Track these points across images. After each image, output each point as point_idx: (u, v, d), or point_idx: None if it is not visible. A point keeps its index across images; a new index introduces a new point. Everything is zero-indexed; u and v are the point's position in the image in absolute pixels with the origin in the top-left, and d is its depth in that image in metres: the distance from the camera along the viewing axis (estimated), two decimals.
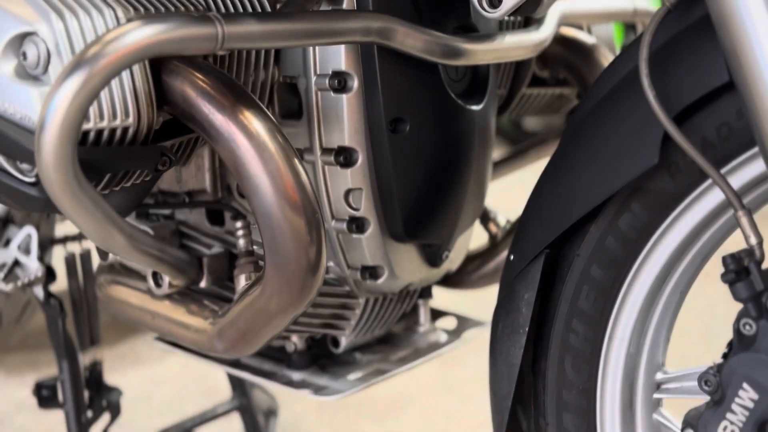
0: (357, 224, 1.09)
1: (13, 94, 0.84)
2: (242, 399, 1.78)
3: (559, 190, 0.95)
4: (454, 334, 1.37)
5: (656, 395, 1.01)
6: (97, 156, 0.82)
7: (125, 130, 0.85)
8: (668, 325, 0.99)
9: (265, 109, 0.90)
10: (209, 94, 0.87)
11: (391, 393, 2.02)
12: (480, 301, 1.47)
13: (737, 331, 0.83)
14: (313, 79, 1.04)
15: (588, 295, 0.97)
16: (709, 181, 0.87)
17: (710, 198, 0.89)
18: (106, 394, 1.55)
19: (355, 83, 1.04)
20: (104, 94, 0.83)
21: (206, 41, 0.81)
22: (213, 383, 2.11)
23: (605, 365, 0.99)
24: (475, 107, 1.12)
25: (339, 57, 1.03)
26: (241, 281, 1.09)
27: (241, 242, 1.12)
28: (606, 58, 1.33)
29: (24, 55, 0.83)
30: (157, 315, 1.19)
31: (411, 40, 0.99)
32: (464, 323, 1.39)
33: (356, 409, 2.03)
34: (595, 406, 1.00)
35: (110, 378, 1.60)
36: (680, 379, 0.99)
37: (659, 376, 1.00)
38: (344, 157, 1.06)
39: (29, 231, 1.41)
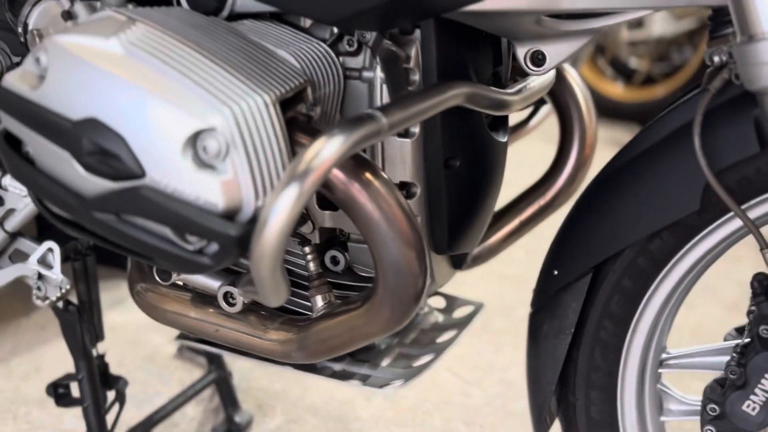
0: None
1: (192, 181, 0.95)
2: (219, 372, 1.93)
3: (603, 219, 1.18)
4: (447, 312, 1.59)
5: (660, 370, 1.29)
6: None
7: None
8: (673, 317, 1.27)
9: (380, 171, 1.06)
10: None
11: None
12: None
13: (757, 334, 1.11)
14: None
15: (618, 301, 1.22)
16: (724, 217, 1.13)
17: (723, 229, 1.15)
18: (114, 384, 1.66)
19: (417, 129, 1.21)
20: None
21: (376, 136, 0.96)
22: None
23: (627, 353, 1.25)
24: (502, 139, 1.32)
25: None
26: (319, 301, 1.25)
27: (312, 266, 1.27)
28: (571, 76, 1.55)
29: (204, 149, 0.94)
30: (222, 326, 1.33)
31: (480, 98, 1.17)
32: (452, 302, 1.61)
33: None
34: (617, 383, 1.27)
35: None
36: (678, 357, 1.28)
37: (663, 355, 1.28)
38: (406, 191, 1.24)
39: (50, 245, 1.47)
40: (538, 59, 1.20)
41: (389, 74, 1.12)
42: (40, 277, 1.47)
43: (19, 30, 1.23)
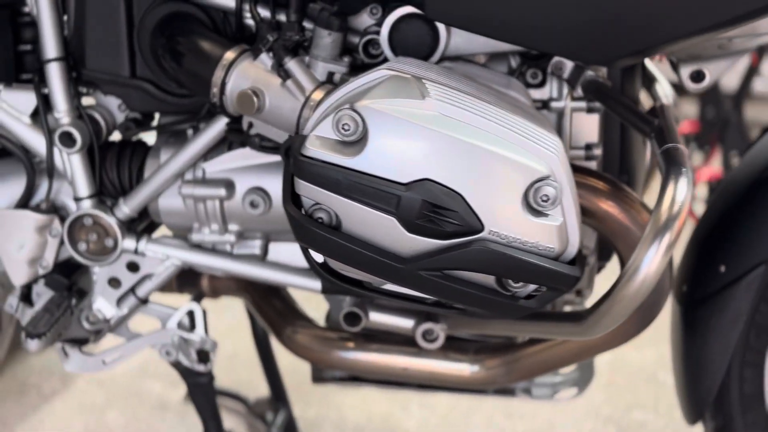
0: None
1: (532, 230, 0.98)
2: (287, 410, 1.90)
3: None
4: None
5: None
6: None
7: None
8: None
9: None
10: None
11: None
12: None
13: None
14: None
15: None
16: None
17: None
18: None
19: (600, 151, 1.29)
20: None
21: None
22: None
23: None
24: None
25: (593, 132, 1.28)
26: None
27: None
28: None
29: (542, 197, 0.98)
30: (411, 365, 1.35)
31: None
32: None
33: None
34: (764, 361, 1.43)
35: None
36: None
37: None
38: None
39: (191, 307, 1.41)
40: (698, 76, 1.31)
41: (607, 103, 1.18)
42: (184, 341, 1.41)
43: (214, 91, 1.18)
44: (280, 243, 1.39)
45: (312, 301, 1.57)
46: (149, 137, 1.43)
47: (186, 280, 1.49)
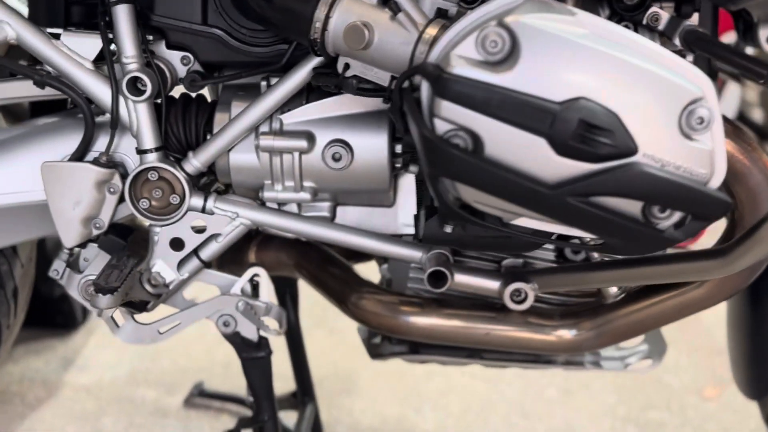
0: None
1: (685, 154, 0.95)
2: (313, 405, 1.80)
3: None
4: None
5: None
6: None
7: None
8: None
9: None
10: None
11: None
12: None
13: None
14: None
15: None
16: None
17: None
18: None
19: None
20: None
21: None
22: None
23: None
24: None
25: None
26: (613, 289, 1.28)
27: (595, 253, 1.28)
28: None
29: (698, 119, 0.95)
30: (493, 330, 1.29)
31: None
32: None
33: None
34: None
35: None
36: None
37: None
38: None
39: (256, 271, 1.32)
40: None
41: (713, 51, 1.17)
42: (248, 307, 1.32)
43: (317, 26, 1.12)
44: (347, 207, 1.33)
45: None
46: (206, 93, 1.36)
47: (227, 255, 1.40)
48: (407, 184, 1.32)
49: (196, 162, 1.26)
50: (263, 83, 1.28)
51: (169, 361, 2.31)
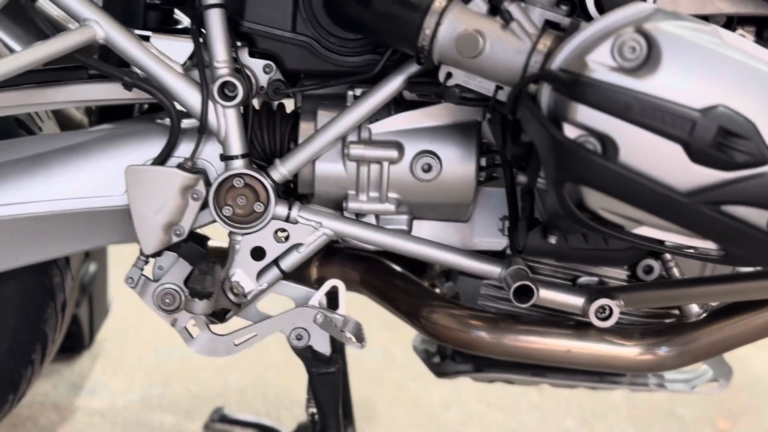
0: None
1: None
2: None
3: None
4: None
5: None
6: None
7: None
8: None
9: None
10: None
11: None
12: None
13: None
14: None
15: None
16: None
17: None
18: None
19: None
20: None
21: None
22: None
23: None
24: None
25: None
26: (694, 307, 1.28)
27: (675, 271, 1.29)
28: None
29: None
30: (574, 348, 1.29)
31: None
32: None
33: None
34: None
35: None
36: None
37: None
38: None
39: (335, 283, 1.30)
40: None
41: None
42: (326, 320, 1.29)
43: (426, 33, 1.11)
44: (422, 220, 1.32)
45: None
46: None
47: None
48: (483, 198, 1.33)
49: (283, 170, 1.24)
50: (350, 92, 1.27)
51: (181, 387, 2.26)
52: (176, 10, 1.40)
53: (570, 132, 0.98)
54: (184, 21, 1.42)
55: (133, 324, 2.49)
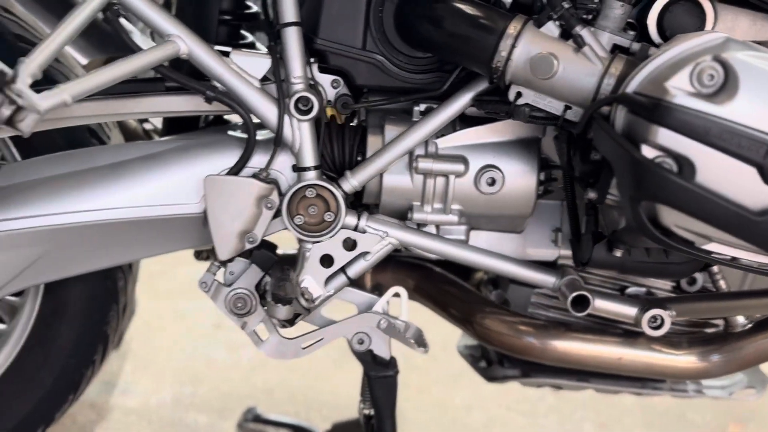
0: None
1: None
2: None
3: None
4: None
5: None
6: None
7: None
8: None
9: None
10: None
11: None
12: None
13: None
14: None
15: None
16: None
17: None
18: None
19: None
20: None
21: None
22: None
23: None
24: None
25: None
26: (740, 319, 1.35)
27: (722, 283, 1.36)
28: None
29: None
30: (626, 355, 1.35)
31: None
32: None
33: None
34: None
35: None
36: None
37: None
38: None
39: (398, 290, 1.35)
40: None
41: None
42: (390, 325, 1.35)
43: (502, 54, 1.17)
44: (480, 231, 1.38)
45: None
46: None
47: None
48: (536, 211, 1.39)
49: (354, 181, 1.30)
50: (416, 108, 1.33)
51: (210, 387, 2.30)
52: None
53: (648, 152, 1.04)
54: (249, 37, 1.48)
55: (156, 325, 2.54)
